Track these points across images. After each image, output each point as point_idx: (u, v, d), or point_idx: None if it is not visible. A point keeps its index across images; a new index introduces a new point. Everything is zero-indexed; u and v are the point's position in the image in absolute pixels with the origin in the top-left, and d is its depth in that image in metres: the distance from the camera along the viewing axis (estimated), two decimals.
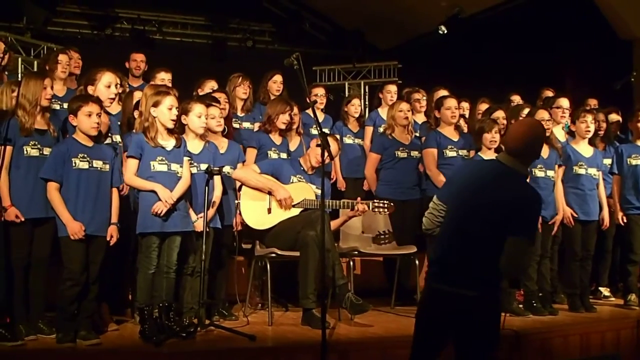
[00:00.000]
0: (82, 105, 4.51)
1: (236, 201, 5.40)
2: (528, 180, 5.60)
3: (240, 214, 5.41)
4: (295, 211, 5.43)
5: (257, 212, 5.40)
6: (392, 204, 5.54)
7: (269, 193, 5.42)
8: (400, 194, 6.21)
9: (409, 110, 6.44)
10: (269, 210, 5.42)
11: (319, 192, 5.53)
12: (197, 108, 5.09)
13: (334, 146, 5.45)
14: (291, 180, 5.53)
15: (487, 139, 5.68)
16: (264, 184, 5.40)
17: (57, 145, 4.57)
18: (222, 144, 5.45)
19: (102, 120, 4.69)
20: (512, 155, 3.45)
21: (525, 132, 3.46)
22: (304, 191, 5.49)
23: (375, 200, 5.54)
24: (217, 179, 5.09)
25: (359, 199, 5.58)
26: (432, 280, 3.53)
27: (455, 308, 3.37)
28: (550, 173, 5.85)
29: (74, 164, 4.47)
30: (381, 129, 6.86)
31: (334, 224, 5.61)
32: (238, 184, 5.47)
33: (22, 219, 4.44)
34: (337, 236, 5.84)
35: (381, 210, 5.51)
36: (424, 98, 7.17)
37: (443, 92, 6.75)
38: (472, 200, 3.41)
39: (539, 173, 5.80)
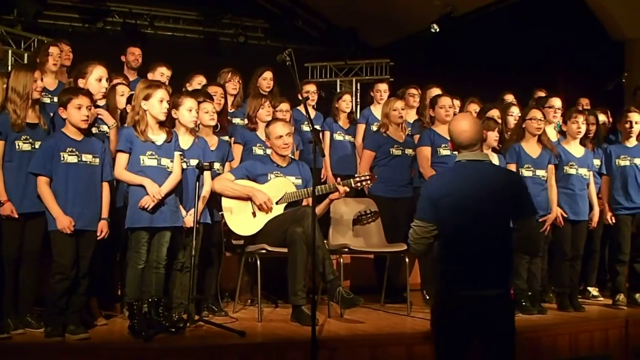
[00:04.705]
0: (72, 97, 4.47)
1: (220, 213, 5.37)
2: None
3: (226, 224, 5.38)
4: (280, 208, 5.41)
5: (242, 218, 5.36)
6: (374, 175, 5.56)
7: (249, 199, 5.40)
8: (392, 192, 6.20)
9: (403, 109, 6.42)
10: (254, 214, 5.39)
11: (298, 182, 5.52)
12: (188, 102, 5.06)
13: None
14: (269, 178, 5.49)
15: (491, 137, 5.70)
16: (241, 191, 5.36)
17: (46, 140, 4.52)
18: (212, 141, 5.42)
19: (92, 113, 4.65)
20: (470, 150, 3.63)
21: (470, 125, 3.67)
22: (283, 186, 5.45)
23: (355, 176, 5.51)
24: (207, 175, 5.07)
25: (338, 179, 5.58)
26: (451, 287, 3.54)
27: (479, 311, 3.44)
28: (539, 172, 5.83)
29: (62, 158, 4.42)
30: (374, 127, 6.84)
31: (318, 209, 5.45)
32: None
33: (17, 216, 4.41)
34: (326, 232, 5.83)
35: (363, 183, 5.49)
36: (419, 94, 7.15)
37: (436, 90, 6.76)
38: (471, 207, 3.49)
39: (526, 173, 5.77)
